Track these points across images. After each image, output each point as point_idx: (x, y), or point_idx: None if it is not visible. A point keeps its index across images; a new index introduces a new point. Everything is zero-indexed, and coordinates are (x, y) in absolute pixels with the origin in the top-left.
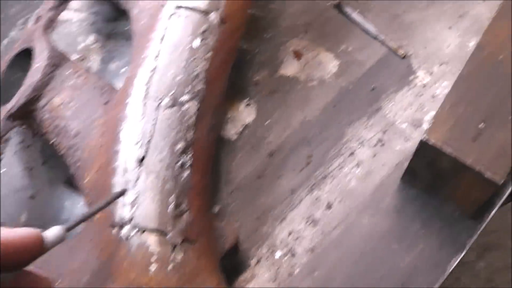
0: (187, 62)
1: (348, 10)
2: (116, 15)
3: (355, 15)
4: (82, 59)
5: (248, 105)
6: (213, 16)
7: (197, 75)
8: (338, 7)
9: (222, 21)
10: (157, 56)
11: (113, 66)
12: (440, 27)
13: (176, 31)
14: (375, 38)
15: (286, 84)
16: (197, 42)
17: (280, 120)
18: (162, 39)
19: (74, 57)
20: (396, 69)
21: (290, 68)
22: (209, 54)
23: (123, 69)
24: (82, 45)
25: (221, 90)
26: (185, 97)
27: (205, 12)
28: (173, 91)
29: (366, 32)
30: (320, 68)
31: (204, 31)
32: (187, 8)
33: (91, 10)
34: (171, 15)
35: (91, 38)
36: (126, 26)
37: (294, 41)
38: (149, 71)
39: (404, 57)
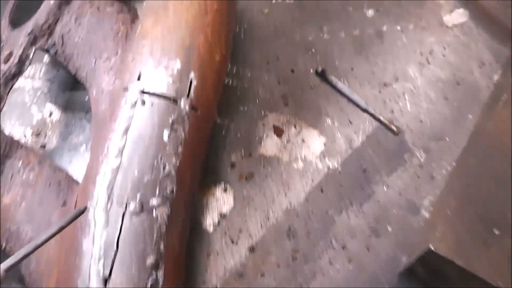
0: (156, 159)
1: (333, 78)
2: (73, 82)
3: (341, 85)
4: (38, 134)
5: (225, 190)
6: (183, 103)
7: (167, 174)
8: (322, 75)
9: (193, 108)
10: (120, 152)
11: (72, 142)
12: (436, 97)
13: (141, 122)
14: (364, 110)
15: (267, 165)
16: (166, 135)
17: (261, 208)
18: (126, 131)
19: (28, 132)
20: (389, 146)
21: (270, 146)
22: (180, 149)
23: (83, 147)
24: (37, 118)
25: (193, 186)
26: (154, 201)
27: (173, 100)
28: (140, 194)
29: (353, 103)
30: (304, 146)
31: (173, 122)
32: (153, 94)
33: (46, 77)
34: (135, 102)
35: (47, 109)
36: (85, 96)
37: (273, 115)
38: (113, 170)
39: (397, 134)
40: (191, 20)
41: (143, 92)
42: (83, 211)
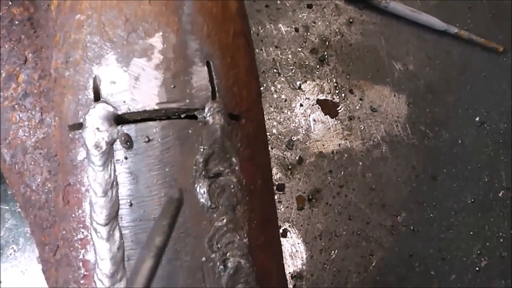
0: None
1: None
2: None
3: (394, 4)
4: None
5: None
6: (211, 115)
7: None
8: None
9: (232, 116)
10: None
11: None
12: None
13: (137, 190)
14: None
15: (336, 168)
16: (203, 197)
17: None
18: (109, 218)
19: None
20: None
21: (325, 135)
22: (238, 212)
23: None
24: None
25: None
26: None
27: (187, 113)
28: None
29: (422, 27)
30: (378, 116)
31: (204, 166)
32: (143, 120)
33: None
34: (106, 150)
35: None
36: None
37: (310, 83)
38: None
39: (501, 51)
40: None
41: (118, 120)
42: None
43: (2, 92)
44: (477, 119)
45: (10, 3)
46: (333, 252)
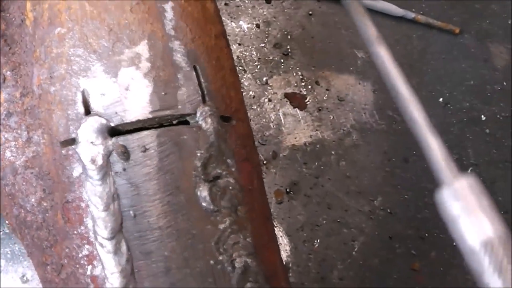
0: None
1: None
2: None
3: None
4: None
5: None
6: (203, 118)
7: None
8: None
9: (224, 118)
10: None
11: None
12: None
13: (139, 199)
14: (402, 19)
15: (311, 160)
16: (204, 199)
17: None
18: (113, 232)
19: None
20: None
21: (295, 128)
22: (241, 213)
23: None
24: None
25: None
26: None
27: (180, 119)
28: None
29: (381, 14)
30: (346, 105)
31: (203, 169)
32: (136, 130)
33: None
34: (103, 163)
35: None
36: None
37: (277, 78)
38: None
39: (457, 33)
40: None
41: (112, 132)
42: None
43: None
44: (441, 99)
45: None
46: (316, 242)
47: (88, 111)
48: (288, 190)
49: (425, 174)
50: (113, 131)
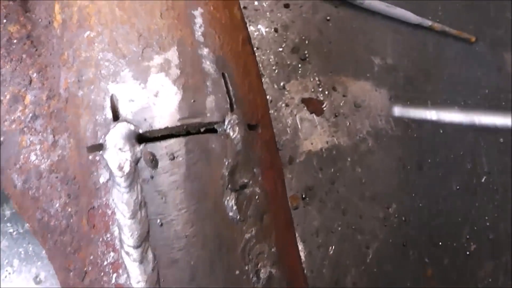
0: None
1: None
2: None
3: (369, 0)
4: None
5: None
6: (231, 127)
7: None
8: None
9: (250, 126)
10: None
11: None
12: None
13: (166, 208)
14: (418, 26)
15: (326, 167)
16: (230, 208)
17: None
18: (140, 240)
19: None
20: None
21: (312, 133)
22: (265, 221)
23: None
24: None
25: None
26: None
27: (207, 127)
28: None
29: (397, 21)
30: (363, 111)
31: (230, 177)
32: (164, 137)
33: None
34: (132, 170)
35: None
36: None
37: (294, 83)
38: None
39: (473, 41)
40: None
41: (140, 139)
42: None
43: (8, 115)
44: (456, 107)
45: (5, 21)
46: (330, 247)
47: (116, 117)
48: (303, 195)
49: (438, 182)
50: (142, 138)
